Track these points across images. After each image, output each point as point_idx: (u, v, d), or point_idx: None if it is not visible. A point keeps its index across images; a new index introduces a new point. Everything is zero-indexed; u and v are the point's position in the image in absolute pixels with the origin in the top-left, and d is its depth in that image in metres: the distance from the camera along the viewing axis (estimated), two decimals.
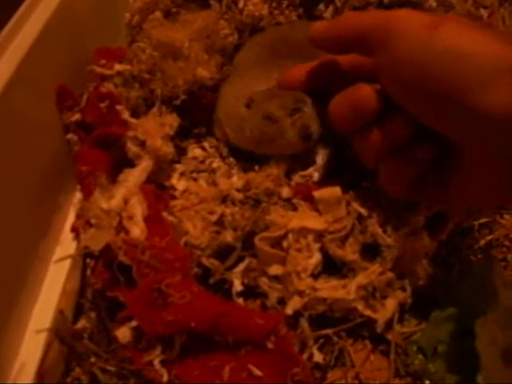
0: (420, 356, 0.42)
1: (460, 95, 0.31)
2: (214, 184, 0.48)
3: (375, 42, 0.35)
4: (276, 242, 0.41)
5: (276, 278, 0.41)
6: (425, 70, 0.32)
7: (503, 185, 0.34)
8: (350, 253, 0.40)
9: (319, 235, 0.40)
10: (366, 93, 0.37)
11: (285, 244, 0.41)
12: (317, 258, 0.40)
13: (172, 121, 0.47)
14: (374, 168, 0.39)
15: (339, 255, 0.40)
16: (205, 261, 0.42)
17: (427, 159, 0.37)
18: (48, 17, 0.47)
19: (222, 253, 0.43)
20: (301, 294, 0.40)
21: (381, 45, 0.34)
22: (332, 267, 0.42)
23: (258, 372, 0.37)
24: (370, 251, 0.41)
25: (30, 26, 0.45)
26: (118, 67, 0.53)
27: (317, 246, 0.40)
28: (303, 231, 0.40)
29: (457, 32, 0.31)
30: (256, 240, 0.41)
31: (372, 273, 0.39)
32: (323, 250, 0.41)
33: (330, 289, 0.40)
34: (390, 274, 0.40)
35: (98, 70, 0.53)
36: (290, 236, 0.40)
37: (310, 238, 0.40)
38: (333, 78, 0.42)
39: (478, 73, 0.30)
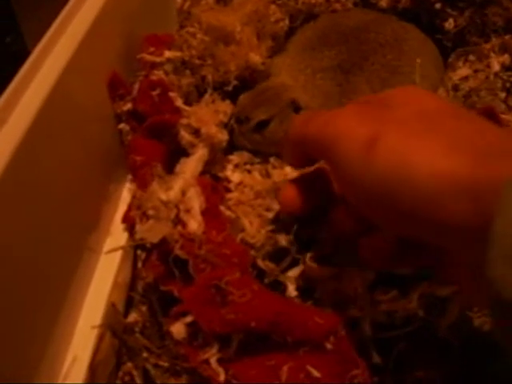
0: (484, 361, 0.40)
1: (408, 212, 0.27)
2: (268, 175, 0.47)
3: (320, 158, 0.34)
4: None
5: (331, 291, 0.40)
6: (368, 193, 0.29)
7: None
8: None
9: None
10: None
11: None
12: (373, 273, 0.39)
13: (226, 108, 0.46)
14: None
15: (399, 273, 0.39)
16: (260, 263, 0.40)
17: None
18: (102, 4, 0.46)
19: (277, 254, 0.41)
20: (360, 308, 0.38)
21: (326, 161, 0.33)
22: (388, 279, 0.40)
23: (316, 373, 0.35)
24: None
25: (83, 14, 0.44)
26: (167, 54, 0.51)
27: None
28: None
29: (396, 149, 0.28)
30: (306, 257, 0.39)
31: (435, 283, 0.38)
32: None
33: (390, 301, 0.38)
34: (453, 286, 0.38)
35: (148, 57, 0.51)
36: None
37: None
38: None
39: (424, 196, 0.26)
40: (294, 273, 0.41)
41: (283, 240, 0.41)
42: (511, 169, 0.23)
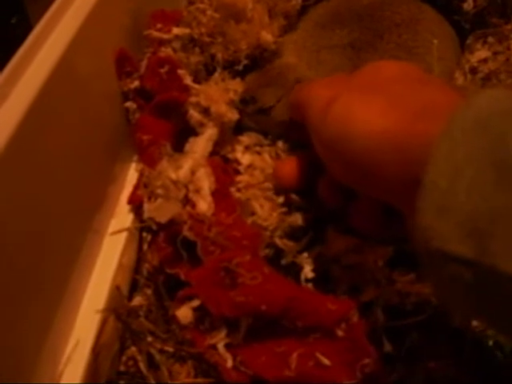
0: (498, 352, 0.39)
1: (351, 164, 0.30)
2: (278, 157, 0.46)
3: (301, 121, 0.37)
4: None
5: (349, 267, 0.39)
6: (324, 146, 0.33)
7: None
8: None
9: None
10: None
11: None
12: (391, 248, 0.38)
13: (236, 86, 0.45)
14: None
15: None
16: (278, 241, 0.39)
17: None
18: None
19: (295, 233, 0.40)
20: (377, 283, 0.37)
21: (304, 123, 0.36)
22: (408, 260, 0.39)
23: (325, 361, 0.34)
24: None
25: None
26: (176, 31, 0.50)
27: None
28: None
29: (344, 109, 0.31)
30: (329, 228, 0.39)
31: None
32: None
33: (406, 282, 0.38)
34: None
35: (156, 34, 0.50)
36: None
37: None
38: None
39: (360, 150, 0.29)
40: (311, 254, 0.40)
41: (300, 219, 0.40)
42: (440, 126, 0.23)
